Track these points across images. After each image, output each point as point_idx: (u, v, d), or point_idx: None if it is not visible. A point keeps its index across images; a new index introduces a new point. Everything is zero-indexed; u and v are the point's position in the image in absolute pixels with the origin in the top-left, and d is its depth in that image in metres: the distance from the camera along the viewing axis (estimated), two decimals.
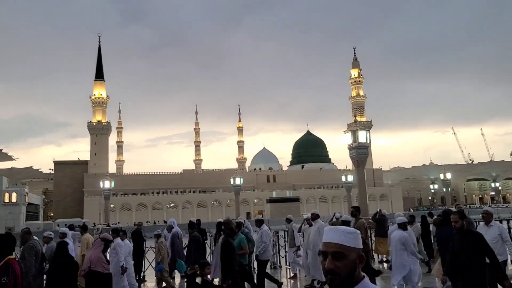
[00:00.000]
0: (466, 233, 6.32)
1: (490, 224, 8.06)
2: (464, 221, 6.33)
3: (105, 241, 8.00)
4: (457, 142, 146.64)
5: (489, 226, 8.03)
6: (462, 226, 6.31)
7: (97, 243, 8.03)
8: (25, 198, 61.53)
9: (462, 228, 6.32)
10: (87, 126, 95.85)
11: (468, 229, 6.43)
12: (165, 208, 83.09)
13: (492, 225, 8.04)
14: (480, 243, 6.22)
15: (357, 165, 31.46)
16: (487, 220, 8.14)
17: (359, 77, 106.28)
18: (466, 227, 6.39)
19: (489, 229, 8.01)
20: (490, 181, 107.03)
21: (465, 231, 6.34)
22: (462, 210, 10.57)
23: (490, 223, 8.08)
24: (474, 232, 6.49)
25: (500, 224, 8.33)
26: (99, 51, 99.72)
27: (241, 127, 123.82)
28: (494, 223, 8.09)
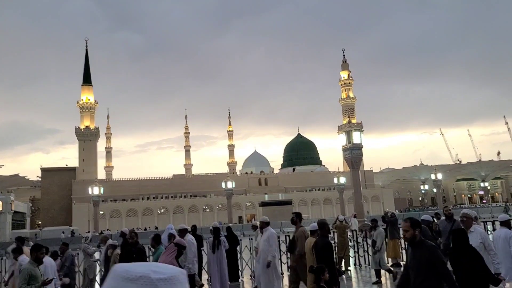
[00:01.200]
0: (417, 246, 5.07)
1: (470, 230, 6.78)
2: (417, 230, 5.05)
3: (179, 246, 7.38)
4: (445, 143, 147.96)
5: (469, 232, 6.70)
6: (413, 237, 5.04)
7: (170, 249, 7.44)
8: (11, 206, 60.09)
9: (413, 239, 5.06)
10: (75, 132, 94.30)
11: (420, 240, 5.10)
12: (156, 214, 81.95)
13: (472, 231, 6.74)
14: (431, 259, 4.91)
15: (352, 166, 31.21)
16: (467, 225, 6.90)
17: (349, 79, 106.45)
18: (420, 237, 5.10)
19: (469, 236, 6.65)
20: (479, 181, 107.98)
21: (416, 243, 5.07)
22: (452, 213, 9.95)
23: (470, 229, 6.82)
24: (427, 245, 5.10)
25: (482, 230, 6.98)
26: (86, 55, 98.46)
27: (231, 131, 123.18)
28: (475, 229, 6.80)
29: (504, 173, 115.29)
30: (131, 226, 58.65)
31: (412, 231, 5.07)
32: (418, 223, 5.20)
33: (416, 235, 5.10)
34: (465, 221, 7.01)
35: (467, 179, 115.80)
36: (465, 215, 7.06)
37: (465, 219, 7.03)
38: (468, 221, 6.97)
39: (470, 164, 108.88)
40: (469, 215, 7.05)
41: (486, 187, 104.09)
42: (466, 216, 7.06)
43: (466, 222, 6.99)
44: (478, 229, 6.94)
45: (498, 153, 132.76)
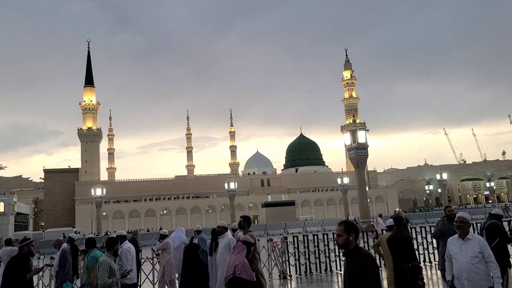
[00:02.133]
0: (351, 254, 4.15)
1: (467, 237, 5.76)
2: (351, 236, 4.13)
3: (247, 244, 7.15)
4: (449, 143, 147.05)
5: (466, 240, 5.74)
6: (346, 243, 4.14)
7: (238, 247, 7.21)
8: (14, 208, 59.91)
9: (347, 246, 4.15)
10: (78, 133, 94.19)
11: (355, 248, 4.15)
12: (158, 215, 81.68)
13: (469, 238, 5.74)
14: (363, 271, 4.01)
15: (357, 166, 30.72)
16: (463, 230, 5.80)
17: (352, 78, 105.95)
18: (355, 245, 4.17)
19: (465, 245, 5.72)
20: (484, 181, 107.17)
21: (351, 251, 4.15)
22: (454, 214, 8.98)
23: (467, 236, 5.77)
24: (363, 254, 4.14)
25: (481, 238, 5.90)
26: (89, 57, 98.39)
27: (233, 131, 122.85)
28: (472, 236, 5.76)
29: (510, 173, 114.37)
30: (134, 227, 58.30)
31: (346, 236, 4.12)
32: (354, 227, 4.19)
33: (351, 241, 4.11)
34: (461, 227, 5.79)
35: (472, 179, 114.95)
36: (461, 219, 5.82)
37: (461, 225, 5.78)
38: (465, 227, 5.80)
39: (475, 164, 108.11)
40: (465, 219, 5.82)
41: (491, 187, 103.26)
42: (463, 221, 5.81)
43: (462, 227, 5.79)
44: (476, 236, 5.80)
45: (503, 152, 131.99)
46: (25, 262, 7.62)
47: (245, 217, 9.34)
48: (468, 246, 5.65)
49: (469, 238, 5.72)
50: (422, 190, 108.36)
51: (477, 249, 5.59)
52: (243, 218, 9.28)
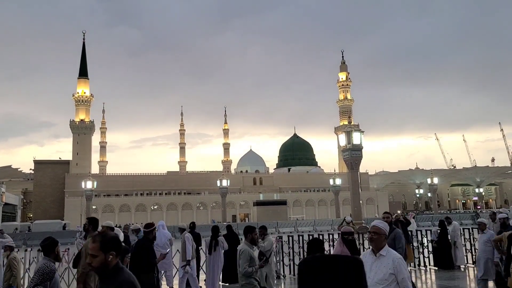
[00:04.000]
0: (108, 277, 3.18)
1: (379, 252, 4.39)
2: (110, 255, 3.09)
3: (347, 234, 7.53)
4: (440, 148, 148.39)
5: (378, 256, 4.37)
6: (102, 264, 3.09)
7: (340, 241, 7.56)
8: (2, 198, 59.11)
9: (104, 267, 3.09)
10: (70, 125, 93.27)
11: (114, 270, 3.14)
12: (149, 210, 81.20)
13: (383, 254, 4.35)
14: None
15: (351, 167, 30.76)
16: (377, 245, 4.42)
17: (347, 80, 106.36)
18: (116, 264, 3.15)
19: (376, 263, 4.35)
20: (473, 187, 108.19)
21: (109, 273, 3.14)
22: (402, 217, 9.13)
23: (380, 251, 4.39)
24: (120, 279, 3.10)
25: (396, 255, 4.37)
26: (83, 48, 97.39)
27: (227, 129, 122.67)
28: (387, 252, 4.37)
29: (498, 179, 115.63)
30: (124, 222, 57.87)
31: (103, 256, 3.08)
32: (113, 242, 3.16)
33: (109, 261, 3.08)
34: (374, 239, 4.44)
35: (461, 185, 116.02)
36: (374, 230, 4.47)
37: (374, 236, 4.43)
38: (379, 239, 4.41)
39: (465, 169, 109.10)
40: (381, 230, 4.43)
41: (480, 193, 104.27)
42: (377, 232, 4.44)
43: (376, 240, 4.42)
44: (392, 253, 4.39)
45: (493, 159, 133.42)
46: (151, 246, 8.38)
47: (90, 219, 8.39)
48: (379, 265, 4.29)
49: (382, 255, 4.31)
50: (412, 193, 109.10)
51: (388, 270, 4.22)
52: (89, 220, 8.36)
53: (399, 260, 4.28)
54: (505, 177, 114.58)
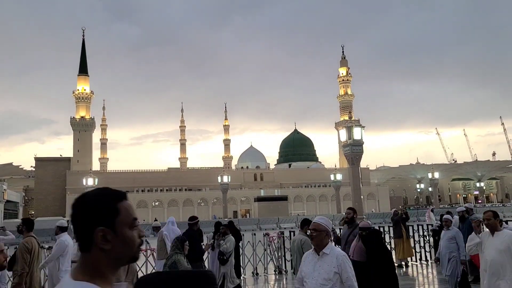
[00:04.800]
0: None
1: (323, 251, 4.15)
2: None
3: (361, 229, 7.62)
4: (441, 143, 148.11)
5: (321, 255, 4.16)
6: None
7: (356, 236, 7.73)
8: (3, 195, 59.31)
9: None
10: (70, 122, 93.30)
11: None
12: (150, 207, 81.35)
13: (326, 252, 4.13)
14: None
15: (352, 163, 30.70)
16: (318, 243, 4.14)
17: (347, 75, 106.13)
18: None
19: (320, 262, 4.10)
20: (474, 181, 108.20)
21: None
22: (354, 217, 8.03)
23: (323, 249, 4.11)
24: None
25: (340, 252, 4.19)
26: (83, 45, 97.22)
27: (228, 125, 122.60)
28: (331, 250, 4.12)
29: (499, 173, 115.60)
30: None
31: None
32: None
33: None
34: (314, 237, 4.13)
35: (462, 179, 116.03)
36: (314, 227, 4.18)
37: (314, 234, 4.13)
38: (320, 236, 4.12)
39: (466, 164, 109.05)
40: (321, 226, 4.14)
41: (481, 187, 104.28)
42: (316, 229, 4.14)
43: (316, 238, 4.11)
44: (336, 250, 4.15)
45: (494, 153, 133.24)
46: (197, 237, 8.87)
47: (25, 219, 8.14)
48: (323, 264, 3.99)
49: (326, 253, 4.00)
50: (413, 188, 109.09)
51: (332, 269, 3.93)
52: (23, 221, 8.04)
53: (343, 257, 3.99)
54: (506, 171, 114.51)
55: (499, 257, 5.33)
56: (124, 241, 1.41)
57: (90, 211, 1.45)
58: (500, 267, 5.32)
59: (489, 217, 5.54)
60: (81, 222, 1.45)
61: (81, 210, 1.47)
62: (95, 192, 1.55)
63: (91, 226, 1.41)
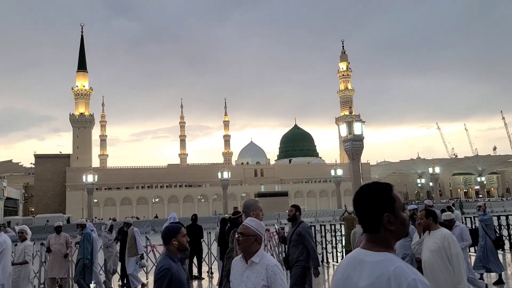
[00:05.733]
0: None
1: (251, 259, 3.51)
2: None
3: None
4: (441, 137, 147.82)
5: (249, 263, 3.50)
6: None
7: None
8: (3, 192, 59.22)
9: None
10: (70, 119, 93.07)
11: None
12: (150, 203, 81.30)
13: (255, 261, 3.46)
14: None
15: (352, 158, 30.57)
16: (245, 249, 3.52)
17: (348, 70, 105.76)
18: None
19: (248, 271, 3.45)
20: (475, 176, 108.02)
21: None
22: (296, 215, 8.01)
23: (252, 257, 3.52)
24: None
25: (272, 261, 3.46)
26: (82, 41, 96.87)
27: (227, 121, 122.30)
28: (261, 257, 3.46)
29: (500, 168, 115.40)
30: (125, 215, 57.95)
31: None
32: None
33: None
34: (241, 241, 3.47)
35: (463, 174, 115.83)
36: (242, 231, 3.51)
37: (241, 238, 3.45)
38: (247, 242, 3.45)
39: (467, 158, 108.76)
40: (249, 231, 3.47)
41: (482, 182, 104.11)
42: (244, 233, 3.46)
43: (243, 243, 3.45)
44: (266, 258, 3.49)
45: (494, 148, 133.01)
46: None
47: None
48: (250, 275, 3.40)
49: (255, 262, 3.40)
50: (413, 183, 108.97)
51: (261, 281, 3.36)
52: None
53: (274, 268, 3.32)
54: (507, 165, 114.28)
55: (430, 258, 5.05)
56: (402, 222, 1.86)
57: (377, 201, 1.85)
58: (431, 269, 5.03)
59: (422, 216, 5.25)
60: (370, 209, 1.85)
61: (370, 200, 1.86)
62: (374, 185, 1.92)
63: (380, 212, 1.83)
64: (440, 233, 5.14)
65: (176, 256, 3.95)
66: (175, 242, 3.96)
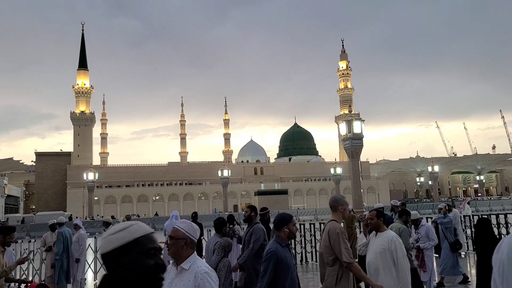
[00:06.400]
0: None
1: (182, 266, 3.29)
2: None
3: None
4: (441, 136, 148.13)
5: (180, 270, 3.27)
6: None
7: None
8: (4, 190, 59.48)
9: None
10: (70, 117, 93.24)
11: None
12: (150, 201, 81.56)
13: (185, 268, 3.20)
14: None
15: (352, 156, 30.74)
16: (175, 254, 3.32)
17: (347, 69, 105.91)
18: None
19: (178, 278, 3.21)
20: (474, 174, 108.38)
21: None
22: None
23: (182, 263, 3.31)
24: None
25: (200, 269, 3.19)
26: (83, 39, 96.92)
27: (228, 119, 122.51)
28: (191, 263, 3.23)
29: (499, 167, 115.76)
30: (126, 213, 58.17)
31: None
32: None
33: None
34: None
35: (462, 172, 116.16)
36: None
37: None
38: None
39: (466, 157, 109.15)
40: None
41: (481, 181, 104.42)
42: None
43: None
44: (197, 264, 3.19)
45: (493, 147, 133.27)
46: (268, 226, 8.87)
47: None
48: (179, 283, 3.12)
49: (184, 268, 3.10)
50: (413, 182, 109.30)
51: None
52: None
53: (204, 275, 3.00)
54: (506, 164, 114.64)
55: (375, 260, 4.97)
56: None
57: None
58: (375, 270, 4.94)
59: (372, 216, 5.15)
60: None
61: None
62: None
63: None
64: (387, 235, 5.06)
65: (284, 241, 4.35)
66: (286, 229, 4.36)
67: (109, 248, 1.62)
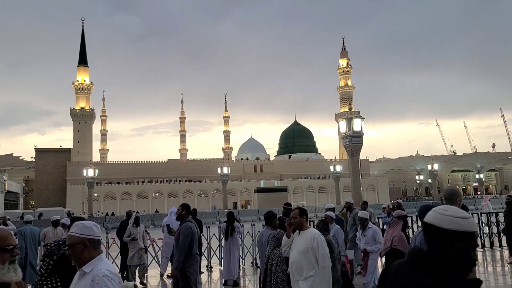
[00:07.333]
0: None
1: (83, 269, 2.96)
2: None
3: (403, 218, 7.74)
4: (441, 134, 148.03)
5: (82, 274, 3.00)
6: None
7: (395, 222, 7.60)
8: (4, 186, 59.52)
9: None
10: (70, 113, 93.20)
11: None
12: (150, 198, 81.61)
13: (86, 272, 2.93)
14: None
15: (352, 154, 30.81)
16: (75, 257, 3.01)
17: (348, 67, 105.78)
18: None
19: (79, 282, 2.89)
20: (474, 173, 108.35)
21: None
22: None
23: (84, 266, 3.03)
24: None
25: (98, 272, 2.90)
26: (83, 36, 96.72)
27: (228, 116, 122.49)
28: (92, 267, 2.95)
29: (499, 165, 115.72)
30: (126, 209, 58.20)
31: None
32: None
33: None
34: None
35: (462, 171, 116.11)
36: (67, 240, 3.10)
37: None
38: (75, 252, 2.99)
39: (466, 155, 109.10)
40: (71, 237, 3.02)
41: (481, 179, 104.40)
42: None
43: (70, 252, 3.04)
44: (98, 267, 2.94)
45: (493, 145, 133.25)
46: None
47: None
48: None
49: (86, 272, 2.84)
50: (412, 180, 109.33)
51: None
52: None
53: (101, 279, 2.73)
54: (506, 162, 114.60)
55: (298, 259, 4.93)
56: None
57: None
58: (299, 269, 4.92)
59: (295, 215, 5.10)
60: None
61: None
62: None
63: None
64: (310, 233, 5.03)
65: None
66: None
67: (454, 228, 1.76)
